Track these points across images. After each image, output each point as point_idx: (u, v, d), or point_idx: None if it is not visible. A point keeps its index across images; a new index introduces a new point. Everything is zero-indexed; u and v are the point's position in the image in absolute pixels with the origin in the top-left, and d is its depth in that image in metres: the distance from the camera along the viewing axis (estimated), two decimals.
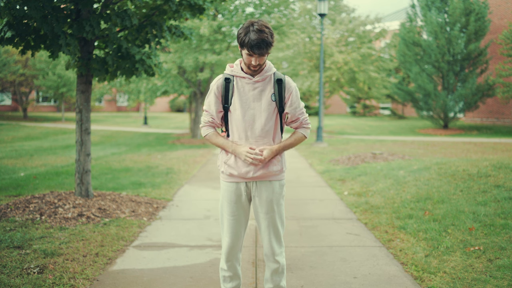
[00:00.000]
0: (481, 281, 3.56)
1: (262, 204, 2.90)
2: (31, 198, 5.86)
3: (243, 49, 2.71)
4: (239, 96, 2.83)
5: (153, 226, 5.30)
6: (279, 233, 2.96)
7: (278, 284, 3.03)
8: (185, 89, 17.44)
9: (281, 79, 2.87)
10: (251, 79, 2.82)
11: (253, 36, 2.62)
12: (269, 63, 2.88)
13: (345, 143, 16.01)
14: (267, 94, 2.84)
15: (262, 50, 2.66)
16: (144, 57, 6.05)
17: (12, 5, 4.93)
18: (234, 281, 3.06)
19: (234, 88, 2.83)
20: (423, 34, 22.44)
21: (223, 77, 2.86)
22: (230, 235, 2.94)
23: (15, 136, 18.40)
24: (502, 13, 22.97)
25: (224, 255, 2.98)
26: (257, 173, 2.84)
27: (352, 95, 32.35)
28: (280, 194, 2.93)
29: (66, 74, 27.45)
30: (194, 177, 8.84)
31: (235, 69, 2.86)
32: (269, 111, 2.83)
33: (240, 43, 2.69)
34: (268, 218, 2.91)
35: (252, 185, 2.90)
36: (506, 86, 19.44)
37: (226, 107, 2.87)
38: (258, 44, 2.63)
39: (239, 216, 2.93)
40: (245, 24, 2.71)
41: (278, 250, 2.96)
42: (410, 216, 5.46)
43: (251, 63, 2.73)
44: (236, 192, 2.90)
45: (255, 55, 2.68)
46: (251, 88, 2.83)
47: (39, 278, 3.60)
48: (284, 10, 16.29)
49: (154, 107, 46.16)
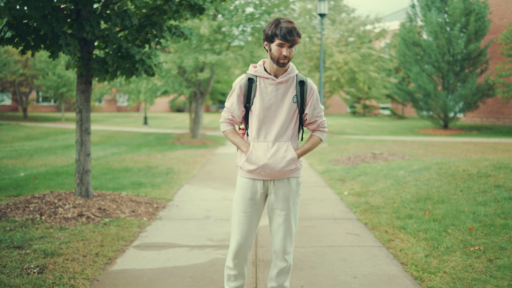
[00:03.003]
0: (481, 281, 3.55)
1: (278, 201, 2.92)
2: (31, 198, 5.86)
3: (273, 41, 2.75)
4: (261, 96, 2.86)
5: (153, 226, 5.30)
6: (292, 231, 2.96)
7: (282, 284, 3.02)
8: (185, 89, 17.44)
9: (304, 81, 2.90)
10: (274, 80, 2.85)
11: (284, 25, 2.72)
12: (292, 65, 2.91)
13: (345, 143, 16.01)
14: (289, 95, 2.87)
15: (294, 37, 2.72)
16: (144, 57, 6.05)
17: (12, 5, 4.93)
18: (238, 281, 3.04)
19: (257, 88, 2.87)
20: (423, 34, 22.44)
21: (247, 77, 2.89)
22: (240, 232, 2.93)
23: (15, 136, 18.40)
24: (502, 13, 22.97)
25: (232, 253, 2.96)
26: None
27: (352, 95, 32.37)
28: (296, 192, 2.96)
29: (66, 74, 27.44)
30: (194, 177, 8.84)
31: (258, 69, 2.89)
32: (289, 112, 2.87)
33: (271, 35, 2.74)
34: (284, 215, 2.92)
35: (270, 183, 2.92)
36: (506, 86, 19.45)
37: (248, 106, 2.90)
38: (290, 31, 2.71)
39: (252, 214, 2.93)
40: (271, 21, 2.79)
41: (289, 249, 2.95)
42: (410, 216, 5.46)
43: (282, 53, 2.75)
44: (252, 189, 2.92)
45: (287, 43, 2.72)
46: (274, 89, 2.86)
47: (39, 278, 3.60)
48: (284, 10, 16.28)
49: (154, 107, 46.16)
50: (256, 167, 2.85)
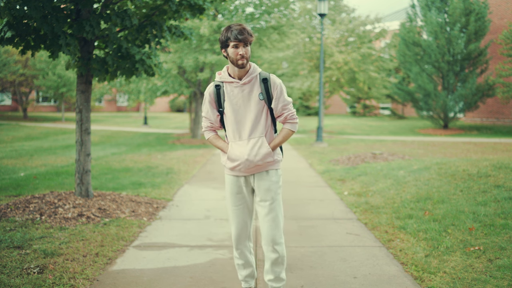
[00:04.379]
0: (481, 281, 3.55)
1: (260, 193, 3.11)
2: (31, 198, 5.86)
3: (228, 45, 2.94)
4: (229, 100, 3.05)
5: (153, 226, 5.30)
6: (279, 222, 3.11)
7: (279, 276, 3.14)
8: (185, 89, 17.44)
9: (266, 78, 3.06)
10: (238, 82, 3.03)
11: (235, 28, 2.93)
12: (254, 65, 3.09)
13: (345, 143, 16.01)
14: (255, 94, 3.04)
15: (245, 36, 2.90)
16: (144, 57, 6.05)
17: (12, 5, 4.93)
18: (248, 269, 3.28)
19: (225, 93, 3.06)
20: (423, 34, 22.44)
21: (214, 84, 3.11)
22: (235, 224, 3.18)
23: (15, 136, 18.40)
24: (502, 13, 22.97)
25: (233, 243, 3.23)
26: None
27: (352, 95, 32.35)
28: (277, 183, 3.12)
29: (66, 74, 27.45)
30: (194, 177, 8.84)
31: (223, 75, 3.07)
32: (258, 110, 3.04)
33: (225, 40, 2.95)
34: (267, 206, 3.09)
35: (251, 178, 3.13)
36: (506, 86, 19.45)
37: (221, 111, 3.11)
38: (240, 31, 2.90)
39: (242, 206, 3.16)
40: (223, 29, 2.99)
41: (278, 240, 3.09)
42: (410, 216, 5.46)
43: (238, 53, 2.92)
44: (237, 184, 3.14)
45: (240, 42, 2.90)
46: (239, 91, 3.04)
47: (39, 278, 3.60)
48: (284, 10, 16.28)
49: (154, 107, 46.16)
50: (236, 164, 3.06)
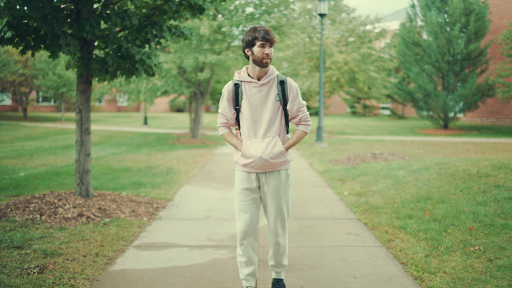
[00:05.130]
0: (481, 281, 3.55)
1: (270, 191, 3.25)
2: (31, 198, 5.85)
3: (254, 44, 3.09)
4: (247, 99, 3.19)
5: (153, 226, 5.30)
6: (284, 217, 3.31)
7: (280, 263, 3.41)
8: (185, 89, 17.43)
9: (284, 80, 3.21)
10: (257, 82, 3.17)
11: (261, 29, 3.09)
12: (272, 67, 3.23)
13: (345, 143, 16.01)
14: (272, 95, 3.19)
15: (272, 36, 3.07)
16: (144, 57, 6.05)
17: (12, 5, 4.93)
18: (250, 267, 3.34)
19: (243, 92, 3.20)
20: (423, 34, 22.44)
21: (233, 83, 3.24)
22: (242, 219, 3.27)
23: (15, 136, 18.40)
24: (502, 13, 22.97)
25: (238, 239, 3.31)
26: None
27: (352, 95, 32.34)
28: (286, 183, 3.29)
29: (66, 74, 27.43)
30: (194, 177, 8.84)
31: (242, 75, 3.22)
32: (273, 110, 3.19)
33: (252, 40, 3.09)
34: (275, 203, 3.26)
35: (262, 176, 3.25)
36: (506, 86, 19.44)
37: (237, 109, 3.25)
38: (267, 32, 3.07)
39: (250, 202, 3.27)
40: (248, 29, 3.13)
41: (281, 233, 3.32)
42: (410, 216, 5.46)
43: (264, 53, 3.07)
44: (247, 180, 3.26)
45: (267, 42, 3.07)
46: (257, 91, 3.18)
47: (39, 278, 3.60)
48: (284, 10, 16.27)
49: (154, 107, 46.16)
50: (250, 161, 3.18)
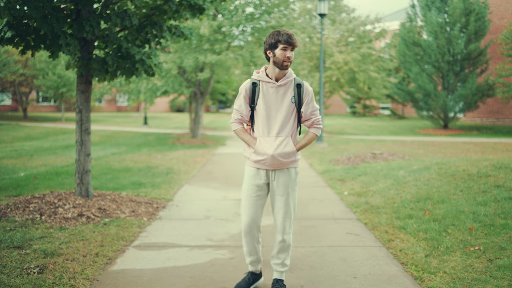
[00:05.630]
0: (481, 281, 3.55)
1: (278, 187, 3.37)
2: (31, 198, 5.85)
3: (277, 47, 3.20)
4: (264, 98, 3.31)
5: (153, 226, 5.30)
6: (291, 214, 3.42)
7: (283, 262, 3.48)
8: (185, 89, 17.43)
9: (300, 84, 3.34)
10: (275, 83, 3.29)
11: (284, 32, 3.21)
12: (290, 70, 3.35)
13: (345, 143, 16.01)
14: (288, 96, 3.31)
15: (294, 41, 3.20)
16: (144, 57, 6.05)
17: (12, 5, 4.92)
18: (253, 256, 3.53)
19: (260, 91, 3.31)
20: (423, 34, 22.43)
21: (251, 81, 3.35)
22: (248, 213, 3.40)
23: (15, 136, 18.40)
24: (502, 13, 22.97)
25: (243, 232, 3.46)
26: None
27: (352, 95, 32.35)
28: (294, 181, 3.41)
29: (66, 74, 27.43)
30: (194, 177, 8.84)
31: (261, 75, 3.33)
32: (288, 111, 3.31)
33: (275, 42, 3.20)
34: (283, 200, 3.38)
35: (271, 173, 3.38)
36: (506, 86, 19.44)
37: (253, 107, 3.36)
38: (290, 36, 3.20)
39: (257, 198, 3.40)
40: (272, 32, 3.25)
41: (288, 230, 3.42)
42: (410, 216, 5.46)
43: (286, 56, 3.19)
44: (257, 176, 3.38)
45: (290, 46, 3.19)
46: (274, 91, 3.30)
47: (39, 278, 3.60)
48: (284, 10, 16.27)
49: (154, 107, 46.15)
50: (262, 158, 3.31)
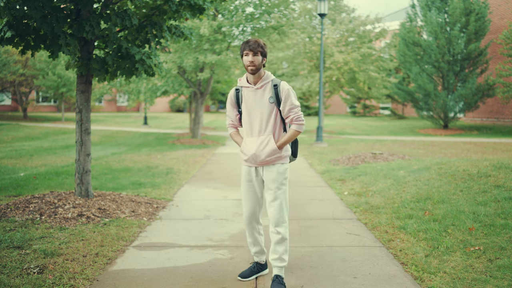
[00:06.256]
0: (481, 281, 3.55)
1: (268, 182, 3.60)
2: (31, 198, 5.85)
3: (243, 54, 3.48)
4: (245, 102, 3.60)
5: (153, 226, 5.30)
6: (283, 208, 3.58)
7: (281, 257, 3.57)
8: (185, 89, 17.43)
9: (277, 84, 3.56)
10: (253, 87, 3.55)
11: (247, 40, 3.51)
12: (268, 73, 3.60)
13: (345, 143, 16.01)
14: (266, 97, 3.54)
15: (254, 46, 3.44)
16: (144, 57, 6.05)
17: (12, 5, 4.93)
18: (256, 247, 3.78)
19: (242, 96, 3.62)
20: (423, 34, 22.43)
21: (234, 88, 3.68)
22: (246, 207, 3.70)
23: (15, 136, 18.40)
24: (502, 13, 22.97)
25: (244, 223, 3.77)
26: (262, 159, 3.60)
27: (352, 95, 32.35)
28: (283, 175, 3.59)
29: (66, 74, 27.43)
30: (194, 177, 8.84)
31: (242, 81, 3.63)
32: (268, 111, 3.54)
33: (241, 50, 3.49)
34: (273, 193, 3.57)
35: (261, 169, 3.62)
36: (506, 86, 19.44)
37: (240, 111, 3.68)
38: (248, 41, 3.48)
39: (253, 193, 3.67)
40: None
41: (281, 222, 3.57)
42: (410, 216, 5.46)
43: (249, 60, 3.44)
44: (249, 173, 3.66)
45: (250, 51, 3.44)
46: (253, 94, 3.57)
47: (39, 278, 3.60)
48: (284, 10, 16.25)
49: (154, 107, 46.14)
50: (247, 157, 3.59)
